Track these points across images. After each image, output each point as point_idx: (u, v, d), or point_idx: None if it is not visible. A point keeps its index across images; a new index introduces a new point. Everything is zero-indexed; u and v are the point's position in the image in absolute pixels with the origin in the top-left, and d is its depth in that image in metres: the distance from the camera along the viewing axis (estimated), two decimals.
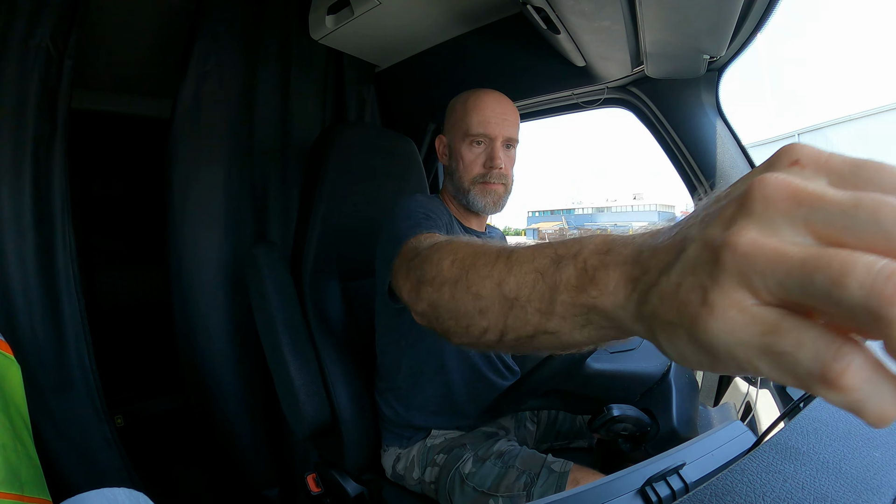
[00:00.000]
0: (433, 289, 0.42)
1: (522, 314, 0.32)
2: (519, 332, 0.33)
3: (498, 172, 0.90)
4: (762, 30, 0.92)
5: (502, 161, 0.89)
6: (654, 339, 0.22)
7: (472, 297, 0.37)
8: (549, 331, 0.30)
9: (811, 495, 0.29)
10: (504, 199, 0.94)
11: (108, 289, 2.62)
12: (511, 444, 0.84)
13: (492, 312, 0.35)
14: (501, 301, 0.33)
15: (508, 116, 0.90)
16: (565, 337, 0.29)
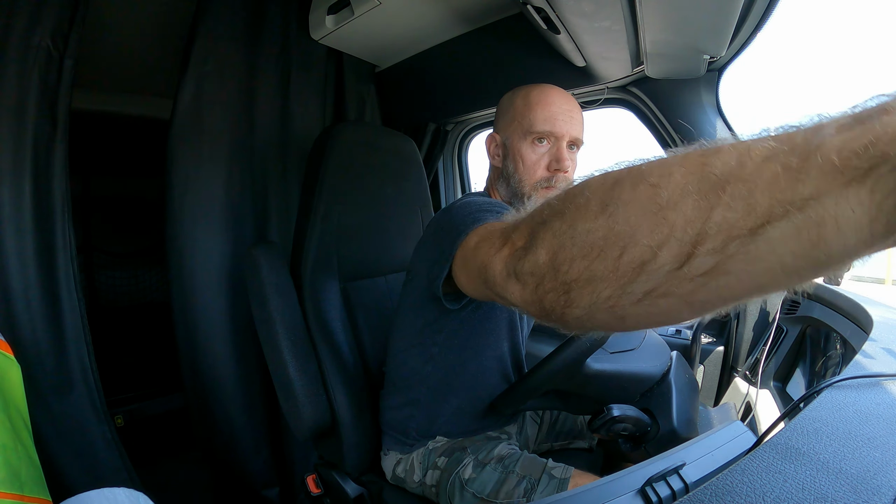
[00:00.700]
0: (560, 223, 0.30)
1: (746, 192, 0.20)
2: (733, 229, 0.21)
3: (564, 177, 0.81)
4: (762, 30, 0.92)
5: (569, 163, 0.81)
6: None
7: (642, 197, 0.24)
8: (801, 201, 0.19)
9: (811, 495, 0.29)
10: None
11: (108, 289, 2.62)
12: (512, 448, 0.84)
13: (683, 207, 0.22)
14: (703, 184, 0.22)
15: (576, 115, 0.82)
16: (830, 209, 0.18)
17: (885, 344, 0.56)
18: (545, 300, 0.31)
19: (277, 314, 0.95)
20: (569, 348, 0.60)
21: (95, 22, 1.27)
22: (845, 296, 0.77)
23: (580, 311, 0.28)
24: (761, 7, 0.86)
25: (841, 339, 0.75)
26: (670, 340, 1.24)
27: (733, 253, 0.21)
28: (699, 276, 0.22)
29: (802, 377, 0.89)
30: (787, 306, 0.98)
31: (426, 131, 1.59)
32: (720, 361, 1.18)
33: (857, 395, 0.43)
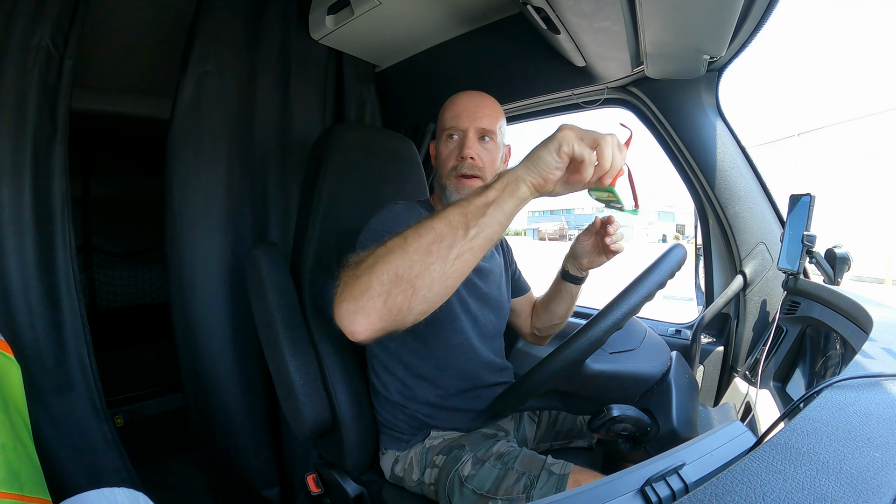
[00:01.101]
0: (383, 265, 0.54)
1: (477, 207, 0.54)
2: (477, 213, 0.54)
3: (470, 163, 0.87)
4: (762, 30, 0.92)
5: (473, 151, 0.87)
6: (529, 169, 0.55)
7: (428, 231, 0.55)
8: (490, 201, 0.54)
9: (811, 495, 0.29)
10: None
11: (108, 289, 2.62)
12: (511, 446, 0.84)
13: (454, 222, 0.54)
14: (457, 211, 0.55)
15: (482, 109, 0.90)
16: (502, 202, 0.54)
17: (885, 344, 0.56)
18: (394, 300, 0.55)
19: (277, 314, 0.95)
20: (569, 348, 0.60)
21: (95, 22, 1.27)
22: (845, 296, 0.77)
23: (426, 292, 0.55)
24: (761, 7, 0.86)
25: (841, 339, 0.75)
26: (670, 340, 1.24)
27: (481, 220, 0.54)
28: (478, 228, 0.55)
29: (802, 377, 0.89)
30: (786, 306, 0.98)
31: (426, 131, 1.59)
32: (720, 361, 1.18)
33: (857, 395, 0.43)
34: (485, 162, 0.89)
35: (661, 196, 57.44)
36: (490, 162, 0.90)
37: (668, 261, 0.62)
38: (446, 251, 0.53)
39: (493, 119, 0.91)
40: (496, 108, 0.92)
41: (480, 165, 0.89)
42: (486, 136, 0.90)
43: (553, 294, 1.02)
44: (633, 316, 0.61)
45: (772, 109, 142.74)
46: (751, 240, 1.10)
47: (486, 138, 0.90)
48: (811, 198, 0.90)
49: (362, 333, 0.55)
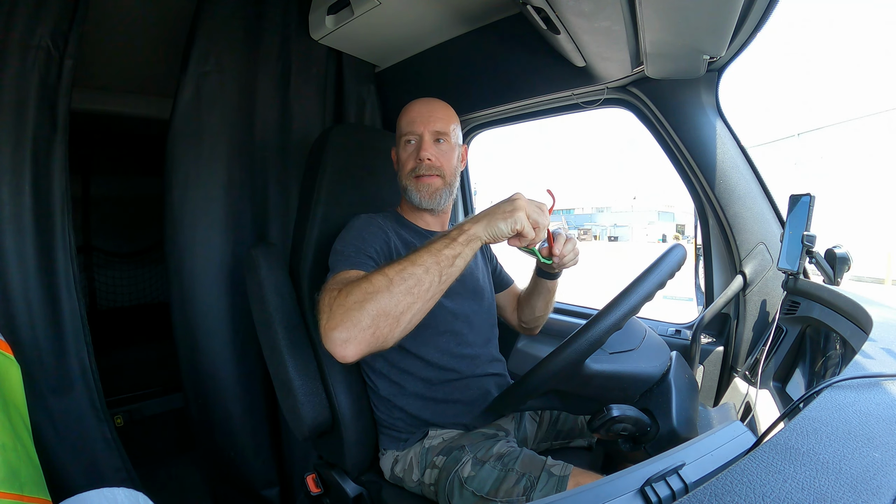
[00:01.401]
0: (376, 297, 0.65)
1: (446, 257, 0.68)
2: (447, 263, 0.68)
3: (427, 164, 0.94)
4: (762, 30, 0.92)
5: (429, 153, 0.94)
6: (486, 230, 0.70)
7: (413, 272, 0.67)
8: (457, 254, 0.69)
9: (811, 495, 0.29)
10: (443, 192, 0.97)
11: (108, 289, 2.62)
12: (511, 446, 0.84)
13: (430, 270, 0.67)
14: (432, 259, 0.68)
15: (436, 114, 0.97)
16: (465, 254, 0.69)
17: (885, 344, 0.56)
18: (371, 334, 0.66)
19: (276, 314, 0.95)
20: (568, 348, 0.60)
21: (95, 22, 1.27)
22: (845, 296, 0.77)
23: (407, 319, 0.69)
24: (761, 7, 0.86)
25: (841, 339, 0.75)
26: (670, 340, 1.24)
27: (450, 269, 0.70)
28: (446, 275, 0.69)
29: (802, 377, 0.89)
30: (786, 306, 0.98)
31: None
32: (720, 361, 1.18)
33: (857, 395, 0.43)
34: (441, 162, 0.96)
35: (661, 196, 57.40)
36: (447, 161, 0.97)
37: (668, 261, 0.62)
38: (424, 293, 0.67)
39: (447, 122, 0.97)
40: (449, 112, 0.99)
41: (438, 165, 0.95)
42: (440, 139, 0.96)
43: (532, 289, 1.07)
44: (633, 316, 0.61)
45: (772, 109, 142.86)
46: (751, 240, 1.10)
47: (440, 140, 0.96)
48: (811, 198, 0.90)
49: (351, 357, 0.65)
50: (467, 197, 1.85)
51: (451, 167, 0.98)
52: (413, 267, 0.67)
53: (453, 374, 0.94)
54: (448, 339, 0.94)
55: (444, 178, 0.96)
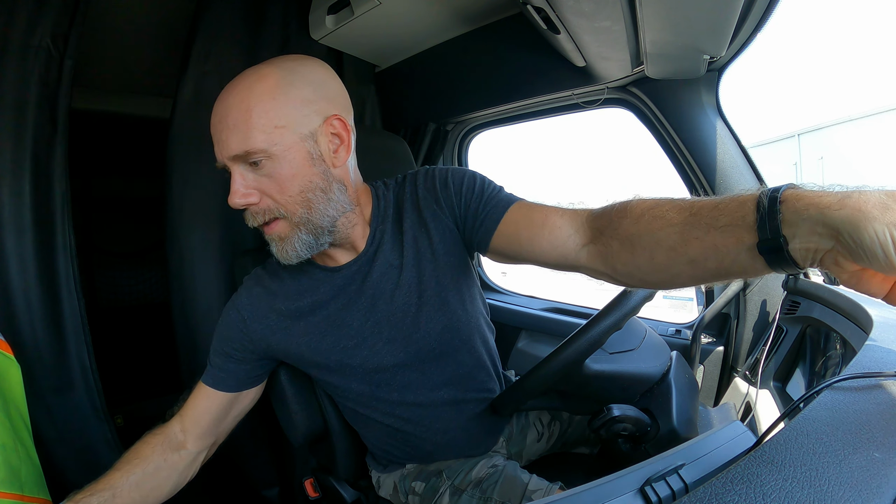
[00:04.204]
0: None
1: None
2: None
3: (251, 213, 0.64)
4: (762, 30, 0.92)
5: (238, 194, 0.61)
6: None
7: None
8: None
9: (811, 495, 0.29)
10: (295, 238, 0.64)
11: (109, 289, 2.62)
12: (491, 467, 0.78)
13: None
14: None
15: (227, 121, 0.60)
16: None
17: (885, 344, 0.56)
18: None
19: None
20: (569, 348, 0.60)
21: (95, 22, 1.27)
22: (845, 296, 0.77)
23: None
24: (761, 7, 0.86)
25: (841, 339, 0.75)
26: (670, 340, 1.24)
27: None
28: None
29: (802, 377, 0.89)
30: (787, 306, 0.98)
31: (426, 131, 1.59)
32: (720, 361, 1.18)
33: (857, 395, 0.43)
34: (270, 192, 0.62)
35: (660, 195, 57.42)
36: (277, 190, 0.61)
37: None
38: None
39: (247, 130, 0.59)
40: (248, 110, 0.59)
41: (265, 206, 0.63)
42: (255, 159, 0.60)
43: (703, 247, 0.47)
44: (633, 316, 0.61)
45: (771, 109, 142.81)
46: None
47: (256, 162, 0.60)
48: None
49: None
50: None
51: (288, 192, 0.62)
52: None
53: (418, 428, 0.79)
54: (387, 403, 0.77)
55: (289, 218, 0.63)
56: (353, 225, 0.71)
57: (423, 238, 0.73)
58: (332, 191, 0.66)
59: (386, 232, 0.74)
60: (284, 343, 0.75)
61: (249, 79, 0.61)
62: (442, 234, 0.73)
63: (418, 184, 0.76)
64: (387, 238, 0.74)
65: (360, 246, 0.74)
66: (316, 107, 0.63)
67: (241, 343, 0.75)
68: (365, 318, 0.73)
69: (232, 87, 0.62)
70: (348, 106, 0.70)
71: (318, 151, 0.64)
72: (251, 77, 0.61)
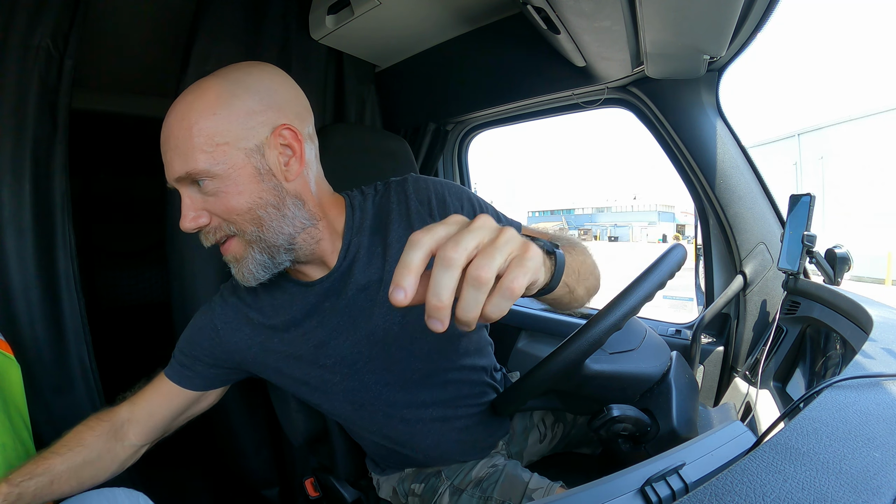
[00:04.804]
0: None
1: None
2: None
3: (202, 234, 0.62)
4: (762, 30, 0.92)
5: (188, 217, 0.59)
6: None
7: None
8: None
9: (811, 495, 0.29)
10: (249, 258, 0.62)
11: (109, 289, 2.62)
12: (491, 466, 0.77)
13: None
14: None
15: (170, 142, 0.58)
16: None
17: (885, 344, 0.56)
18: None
19: None
20: (568, 348, 0.60)
21: (95, 22, 1.27)
22: (845, 296, 0.77)
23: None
24: (761, 7, 0.86)
25: (841, 339, 0.75)
26: (670, 340, 1.24)
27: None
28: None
29: (802, 377, 0.89)
30: (787, 306, 0.98)
31: (426, 131, 1.59)
32: (720, 361, 1.18)
33: (857, 395, 0.43)
34: (219, 213, 0.59)
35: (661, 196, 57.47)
36: (226, 210, 0.59)
37: (668, 261, 0.62)
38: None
39: (188, 151, 0.56)
40: (188, 129, 0.56)
41: (216, 224, 0.60)
42: (199, 179, 0.58)
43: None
44: (633, 316, 0.61)
45: (771, 109, 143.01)
46: (751, 240, 1.10)
47: (201, 182, 0.58)
48: (811, 198, 0.90)
49: None
50: None
51: (236, 211, 0.59)
52: None
53: (408, 444, 0.77)
54: (372, 422, 0.75)
55: (243, 236, 0.61)
56: (318, 240, 0.67)
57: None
58: (285, 207, 0.61)
59: (362, 245, 0.70)
60: (261, 358, 0.73)
61: (191, 95, 0.59)
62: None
63: (409, 194, 0.72)
64: (363, 252, 0.70)
65: (331, 261, 0.69)
66: (262, 118, 0.59)
67: (212, 351, 0.73)
68: (344, 336, 0.70)
69: (175, 105, 0.59)
70: (303, 112, 0.65)
71: (266, 166, 0.59)
72: (193, 93, 0.59)
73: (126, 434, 0.73)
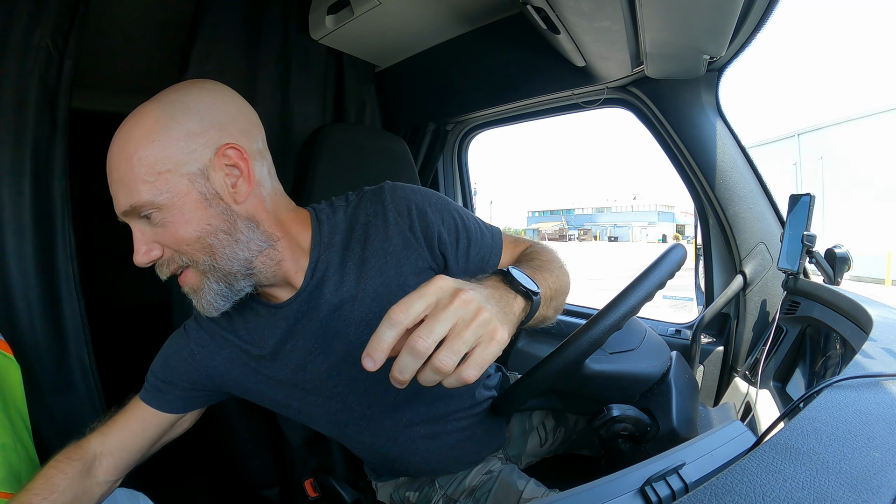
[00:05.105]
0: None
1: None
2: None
3: (157, 267, 0.61)
4: (762, 30, 0.92)
5: (140, 252, 0.58)
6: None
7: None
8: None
9: (811, 495, 0.29)
10: (206, 289, 0.59)
11: (109, 289, 2.62)
12: (486, 473, 0.76)
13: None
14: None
15: (113, 175, 0.58)
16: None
17: (885, 344, 0.56)
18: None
19: None
20: (569, 348, 0.60)
21: (95, 22, 1.27)
22: (845, 296, 0.77)
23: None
24: (761, 7, 0.86)
25: (841, 339, 0.75)
26: (670, 340, 1.24)
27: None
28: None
29: (802, 377, 0.89)
30: (787, 306, 0.98)
31: (426, 131, 1.60)
32: (720, 361, 1.18)
33: (857, 395, 0.43)
34: (168, 244, 0.57)
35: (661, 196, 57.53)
36: (175, 240, 0.56)
37: (668, 261, 0.62)
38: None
39: (131, 183, 0.55)
40: (128, 159, 0.55)
41: (168, 256, 0.58)
42: (145, 212, 0.56)
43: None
44: (633, 316, 0.61)
45: (771, 109, 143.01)
46: (751, 240, 1.10)
47: (148, 215, 0.56)
48: (811, 198, 0.90)
49: None
50: (467, 197, 1.85)
51: (185, 241, 0.56)
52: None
53: (398, 459, 0.75)
54: (359, 441, 0.73)
55: (198, 266, 0.58)
56: (279, 261, 0.63)
57: (391, 268, 0.65)
58: (237, 231, 0.58)
59: (332, 263, 0.65)
60: (241, 381, 0.71)
61: (129, 123, 0.56)
62: (414, 265, 0.65)
63: (386, 204, 0.67)
64: (333, 270, 0.65)
65: (296, 281, 0.65)
66: (204, 139, 0.55)
67: (189, 375, 0.70)
68: (321, 359, 0.67)
69: (115, 135, 0.57)
70: (250, 128, 0.61)
71: (212, 190, 0.56)
72: (131, 121, 0.56)
73: (98, 471, 0.68)
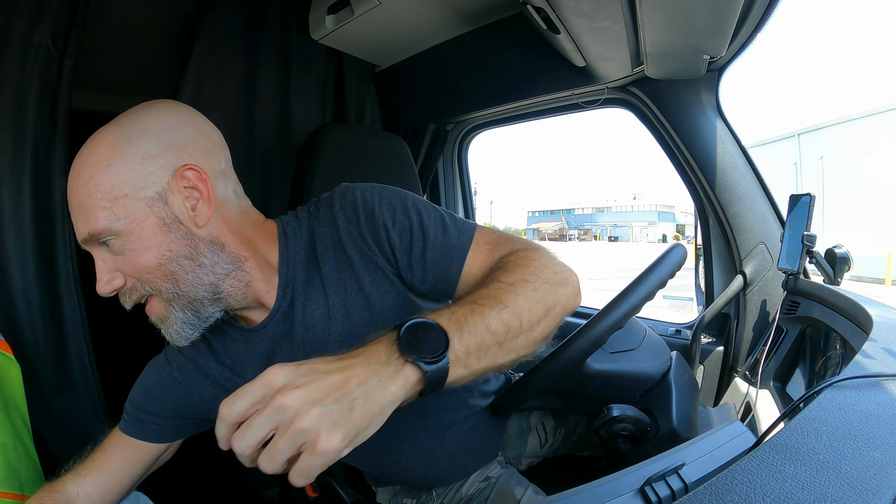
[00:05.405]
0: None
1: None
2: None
3: (121, 296, 0.56)
4: (762, 30, 0.92)
5: (102, 281, 0.54)
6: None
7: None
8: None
9: (811, 495, 0.29)
10: (172, 318, 0.56)
11: None
12: (484, 480, 0.75)
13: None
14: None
15: (73, 203, 0.53)
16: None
17: (885, 344, 0.56)
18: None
19: None
20: (569, 348, 0.60)
21: (95, 22, 1.27)
22: (845, 296, 0.77)
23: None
24: (761, 7, 0.86)
25: (841, 339, 0.75)
26: (670, 340, 1.24)
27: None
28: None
29: (802, 377, 0.89)
30: (787, 306, 0.98)
31: (426, 131, 1.60)
32: (720, 361, 1.18)
33: (857, 395, 0.43)
34: (129, 272, 0.54)
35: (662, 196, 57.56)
36: (135, 268, 0.53)
37: (668, 261, 0.62)
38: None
39: (88, 210, 0.52)
40: (85, 186, 0.51)
41: (131, 285, 0.55)
42: (105, 239, 0.53)
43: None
44: (634, 316, 0.61)
45: (771, 109, 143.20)
46: (751, 240, 1.10)
47: (107, 241, 0.53)
48: (811, 198, 0.90)
49: None
50: (467, 197, 1.85)
51: (146, 269, 0.53)
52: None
53: (395, 474, 0.75)
54: (354, 458, 0.68)
55: (158, 293, 0.55)
56: (248, 282, 0.59)
57: (351, 281, 0.60)
58: (200, 255, 0.54)
59: (298, 281, 0.61)
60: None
61: (87, 148, 0.53)
62: (373, 275, 0.60)
63: (336, 213, 0.61)
64: (300, 288, 0.61)
65: (269, 301, 0.61)
66: (161, 161, 0.53)
67: (175, 405, 0.65)
68: None
69: (74, 161, 0.54)
70: (211, 148, 0.60)
71: (171, 214, 0.53)
72: (88, 146, 0.53)
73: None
